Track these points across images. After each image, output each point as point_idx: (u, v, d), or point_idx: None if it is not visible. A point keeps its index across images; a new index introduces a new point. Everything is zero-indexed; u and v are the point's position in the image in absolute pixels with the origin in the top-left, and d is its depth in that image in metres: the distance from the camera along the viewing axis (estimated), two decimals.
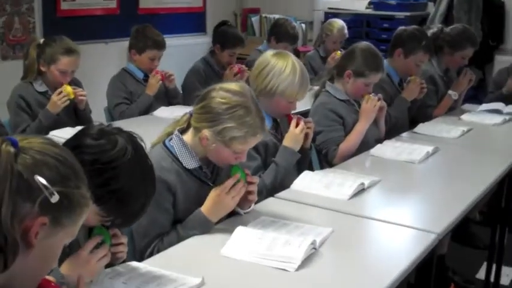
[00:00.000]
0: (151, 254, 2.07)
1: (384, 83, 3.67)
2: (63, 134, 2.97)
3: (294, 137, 2.69)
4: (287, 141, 2.69)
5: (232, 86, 2.14)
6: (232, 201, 2.13)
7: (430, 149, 3.16)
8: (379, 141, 3.32)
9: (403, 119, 3.82)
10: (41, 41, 3.55)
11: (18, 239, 1.02)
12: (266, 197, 2.48)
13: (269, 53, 2.71)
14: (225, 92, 2.10)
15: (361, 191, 2.56)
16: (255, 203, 2.32)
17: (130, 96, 4.01)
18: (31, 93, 3.52)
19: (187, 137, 2.18)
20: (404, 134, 3.59)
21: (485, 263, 3.62)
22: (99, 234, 1.70)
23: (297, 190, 2.57)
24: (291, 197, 2.50)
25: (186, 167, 2.15)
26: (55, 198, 1.05)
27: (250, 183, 2.20)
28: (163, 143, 2.19)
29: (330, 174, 2.70)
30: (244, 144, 2.09)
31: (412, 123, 3.84)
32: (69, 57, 3.47)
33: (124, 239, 1.80)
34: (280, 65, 2.63)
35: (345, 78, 3.23)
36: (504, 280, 3.61)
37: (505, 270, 3.63)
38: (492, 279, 3.53)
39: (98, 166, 1.58)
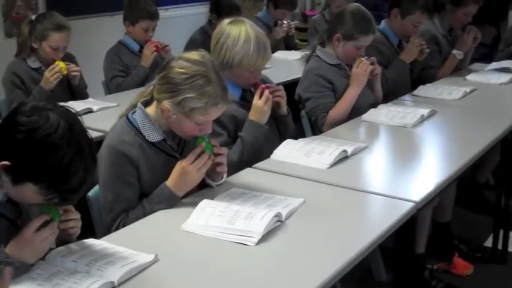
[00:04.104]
0: (117, 229, 2.03)
1: (380, 44, 3.56)
2: None
3: (257, 109, 2.57)
4: (252, 114, 2.58)
5: (192, 55, 2.06)
6: (198, 173, 2.07)
7: (425, 112, 3.04)
8: (375, 106, 3.21)
9: (404, 82, 3.68)
10: (33, 17, 3.53)
11: None
12: (239, 170, 2.40)
13: (225, 22, 2.57)
14: (185, 61, 2.03)
15: (343, 158, 2.47)
16: (227, 176, 2.26)
17: (126, 69, 3.97)
18: (24, 70, 3.51)
19: (151, 109, 2.11)
20: (402, 97, 3.47)
21: None
22: (46, 212, 1.67)
23: (277, 160, 2.50)
24: (269, 167, 2.42)
25: (149, 139, 2.09)
26: None
27: (217, 154, 2.13)
28: (127, 116, 2.13)
29: (314, 142, 2.61)
30: (205, 114, 2.02)
31: (416, 86, 3.71)
32: (60, 33, 3.45)
33: (76, 215, 1.76)
34: (233, 35, 2.50)
35: (334, 42, 3.12)
36: None
37: None
38: (500, 246, 3.41)
39: (30, 143, 1.54)
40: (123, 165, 2.04)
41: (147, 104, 2.14)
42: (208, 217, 1.92)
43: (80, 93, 3.65)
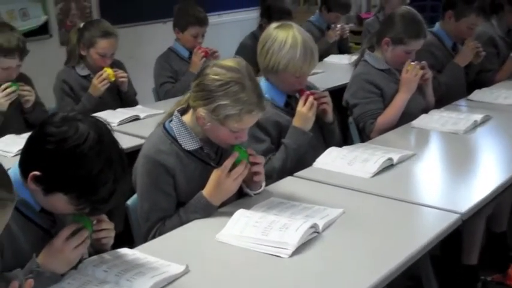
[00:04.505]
0: (153, 238, 2.02)
1: (433, 47, 3.44)
2: (104, 117, 2.97)
3: (301, 116, 2.50)
4: (296, 121, 2.52)
5: (228, 61, 2.02)
6: (234, 183, 2.03)
7: (478, 117, 2.91)
8: (427, 111, 3.10)
9: (458, 86, 3.54)
10: (81, 25, 3.58)
11: None
12: (282, 177, 2.35)
13: (272, 26, 2.53)
14: (219, 68, 1.99)
15: (389, 167, 2.39)
16: (266, 185, 2.21)
17: (176, 75, 3.97)
18: (73, 77, 3.56)
19: (187, 117, 2.09)
20: (456, 102, 3.34)
21: None
22: (77, 222, 1.66)
23: (319, 168, 2.43)
24: (310, 176, 2.36)
25: (186, 148, 2.06)
26: None
27: (254, 163, 2.08)
28: (163, 125, 2.11)
29: (359, 149, 2.53)
30: (239, 122, 1.97)
31: (473, 89, 3.56)
32: (107, 40, 3.47)
33: (108, 225, 1.75)
34: (280, 40, 2.45)
35: (383, 46, 3.02)
36: None
37: None
38: None
39: (60, 153, 1.54)
40: (159, 175, 2.03)
41: (183, 112, 2.11)
42: (243, 227, 1.88)
43: (128, 100, 3.67)
